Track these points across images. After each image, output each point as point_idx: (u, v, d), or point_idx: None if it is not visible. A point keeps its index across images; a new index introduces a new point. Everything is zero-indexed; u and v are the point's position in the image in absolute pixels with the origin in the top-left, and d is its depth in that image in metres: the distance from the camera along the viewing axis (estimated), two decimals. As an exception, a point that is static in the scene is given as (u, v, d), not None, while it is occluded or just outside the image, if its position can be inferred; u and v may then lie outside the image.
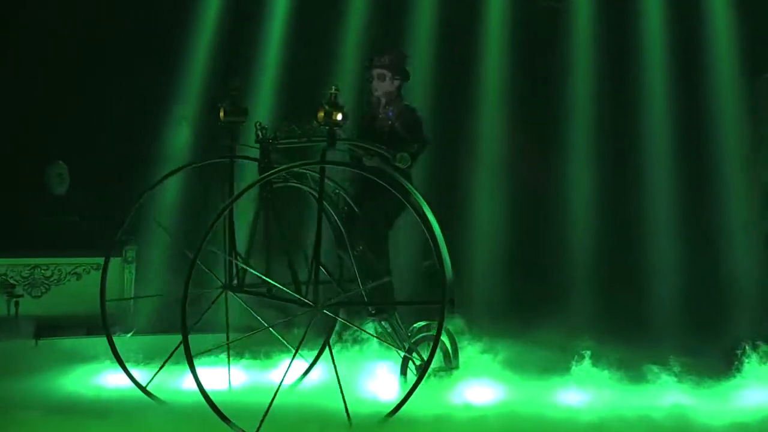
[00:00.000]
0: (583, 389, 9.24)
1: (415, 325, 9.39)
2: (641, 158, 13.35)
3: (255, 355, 10.07)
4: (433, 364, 9.15)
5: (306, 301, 8.58)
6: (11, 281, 11.28)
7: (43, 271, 11.62)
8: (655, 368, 9.44)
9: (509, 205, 13.08)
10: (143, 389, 9.25)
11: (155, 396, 9.19)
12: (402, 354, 9.15)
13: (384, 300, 9.05)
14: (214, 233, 8.68)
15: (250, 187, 8.61)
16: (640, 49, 13.21)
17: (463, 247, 12.47)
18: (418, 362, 9.13)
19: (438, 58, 13.16)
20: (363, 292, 8.96)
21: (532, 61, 13.30)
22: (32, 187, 12.01)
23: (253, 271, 8.88)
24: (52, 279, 11.69)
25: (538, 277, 12.94)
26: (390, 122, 9.19)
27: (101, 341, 9.75)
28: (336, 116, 8.49)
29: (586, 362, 9.37)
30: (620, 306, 12.14)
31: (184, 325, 8.20)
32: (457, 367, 9.35)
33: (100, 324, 9.65)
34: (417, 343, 9.24)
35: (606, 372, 9.35)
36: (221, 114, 9.10)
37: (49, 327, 11.06)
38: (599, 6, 13.24)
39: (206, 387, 8.31)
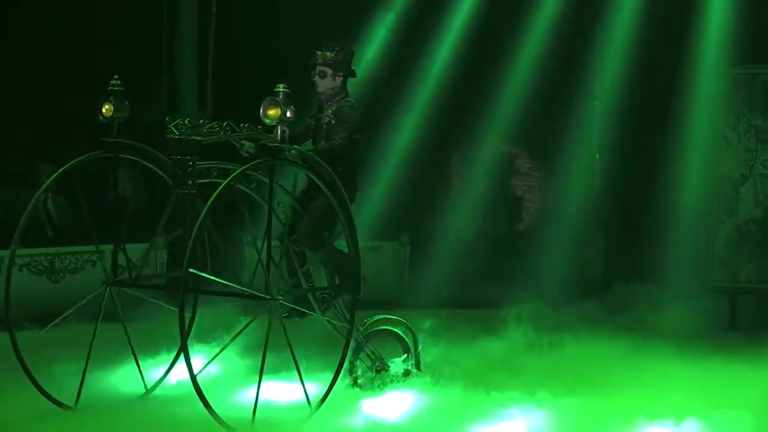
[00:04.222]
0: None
1: (366, 319, 9.20)
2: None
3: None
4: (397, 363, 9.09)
5: (257, 294, 8.32)
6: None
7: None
8: None
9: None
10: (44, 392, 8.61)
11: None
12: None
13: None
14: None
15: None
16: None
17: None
18: (367, 363, 9.02)
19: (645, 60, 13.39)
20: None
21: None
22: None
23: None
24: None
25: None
26: (328, 118, 9.07)
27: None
28: (286, 114, 8.26)
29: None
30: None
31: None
32: (417, 370, 9.07)
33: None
34: (369, 337, 9.06)
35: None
36: (104, 110, 8.60)
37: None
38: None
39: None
